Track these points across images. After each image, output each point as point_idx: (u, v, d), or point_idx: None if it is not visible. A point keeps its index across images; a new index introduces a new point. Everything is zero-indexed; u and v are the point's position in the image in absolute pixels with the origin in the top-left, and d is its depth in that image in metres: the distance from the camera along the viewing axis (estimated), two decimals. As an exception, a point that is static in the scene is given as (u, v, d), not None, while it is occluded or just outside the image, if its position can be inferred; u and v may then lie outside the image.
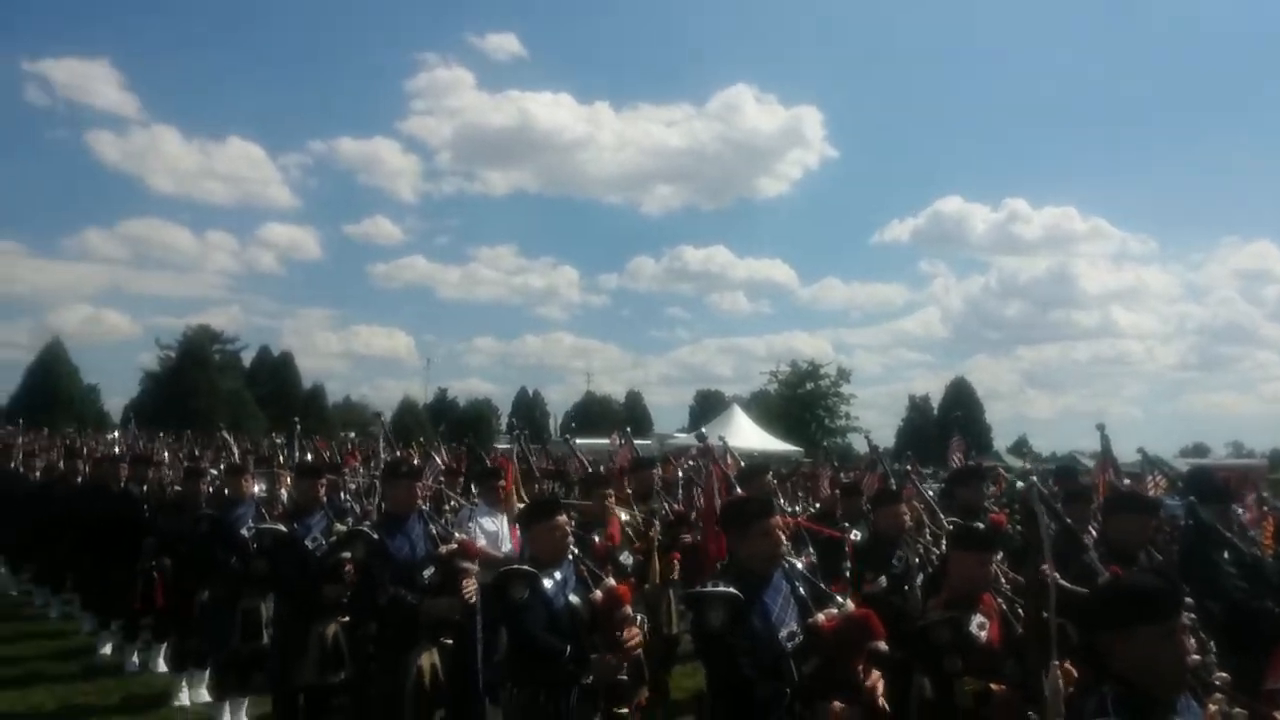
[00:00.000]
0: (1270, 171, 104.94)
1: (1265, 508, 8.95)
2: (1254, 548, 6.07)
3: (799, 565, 4.43)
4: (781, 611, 3.98)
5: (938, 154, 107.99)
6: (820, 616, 4.02)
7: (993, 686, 4.17)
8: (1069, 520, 5.20)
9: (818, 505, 9.98)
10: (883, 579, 6.34)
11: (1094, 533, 6.07)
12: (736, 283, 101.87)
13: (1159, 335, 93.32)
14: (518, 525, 5.94)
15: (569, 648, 4.39)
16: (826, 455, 13.53)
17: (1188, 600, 3.62)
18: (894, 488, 7.91)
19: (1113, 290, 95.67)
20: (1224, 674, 3.41)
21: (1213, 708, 2.98)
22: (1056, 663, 3.40)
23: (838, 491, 8.63)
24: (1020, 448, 45.65)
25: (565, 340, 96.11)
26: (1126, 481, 9.21)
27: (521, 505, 6.20)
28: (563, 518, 4.85)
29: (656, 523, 7.30)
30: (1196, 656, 3.64)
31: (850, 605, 4.17)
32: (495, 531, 7.12)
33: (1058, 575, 3.71)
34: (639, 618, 4.80)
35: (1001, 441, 59.05)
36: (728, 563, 4.22)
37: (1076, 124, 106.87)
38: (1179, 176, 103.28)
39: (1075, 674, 3.63)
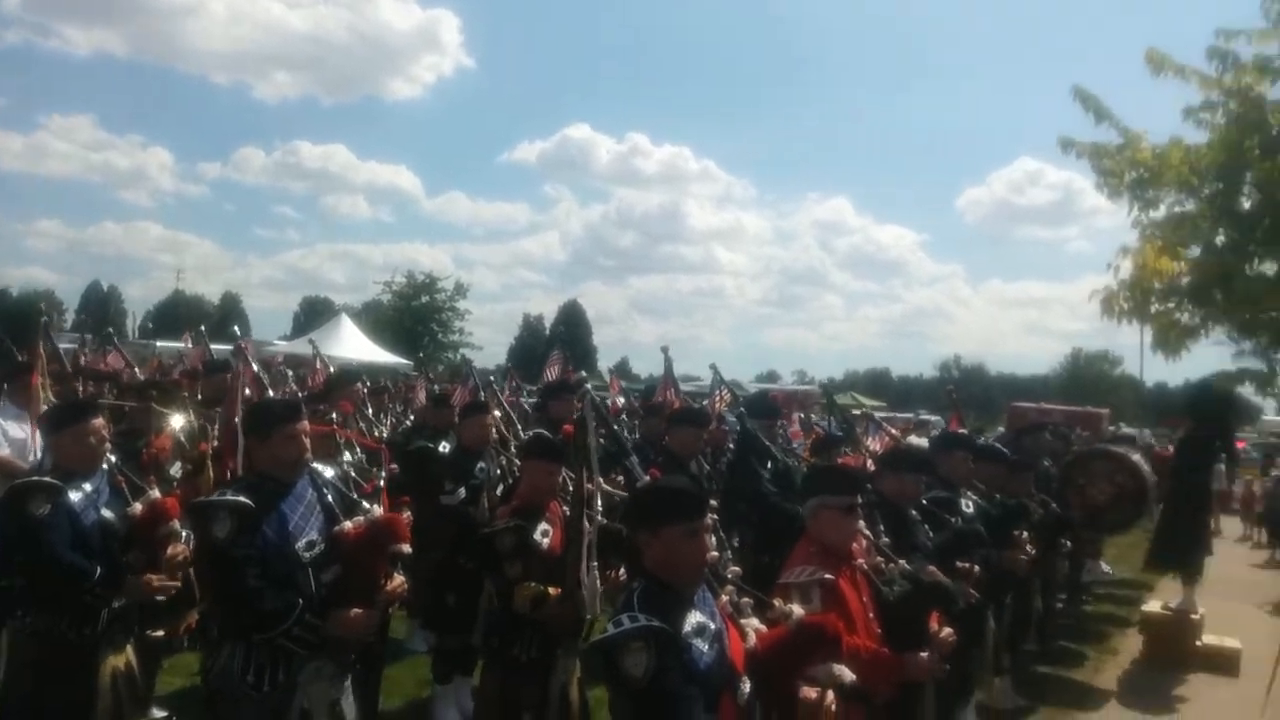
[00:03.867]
0: (851, 136, 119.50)
1: (812, 426, 10.27)
2: (791, 458, 6.86)
3: (329, 473, 4.23)
4: (302, 520, 3.76)
5: (571, 80, 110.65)
6: (347, 524, 3.87)
7: (549, 590, 4.33)
8: (616, 427, 5.51)
9: (412, 417, 9.85)
10: (462, 490, 6.35)
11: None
12: (357, 186, 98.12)
13: (750, 273, 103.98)
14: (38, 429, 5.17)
15: (99, 568, 3.91)
16: (422, 368, 13.38)
17: (712, 502, 4.00)
18: (483, 400, 7.95)
19: (715, 229, 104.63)
20: (737, 568, 3.75)
21: (724, 598, 3.27)
22: (595, 563, 3.58)
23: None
24: (622, 369, 48.59)
25: (152, 231, 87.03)
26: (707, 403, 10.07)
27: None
28: (98, 421, 4.28)
29: (215, 430, 6.72)
30: (715, 553, 4.02)
31: (378, 511, 4.08)
32: (23, 439, 6.19)
33: (601, 479, 3.88)
34: (185, 534, 4.35)
35: (606, 363, 62.63)
36: (247, 469, 3.93)
37: (700, 69, 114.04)
38: (780, 131, 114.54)
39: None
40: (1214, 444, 10.21)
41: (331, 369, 9.48)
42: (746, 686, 3.01)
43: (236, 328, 7.55)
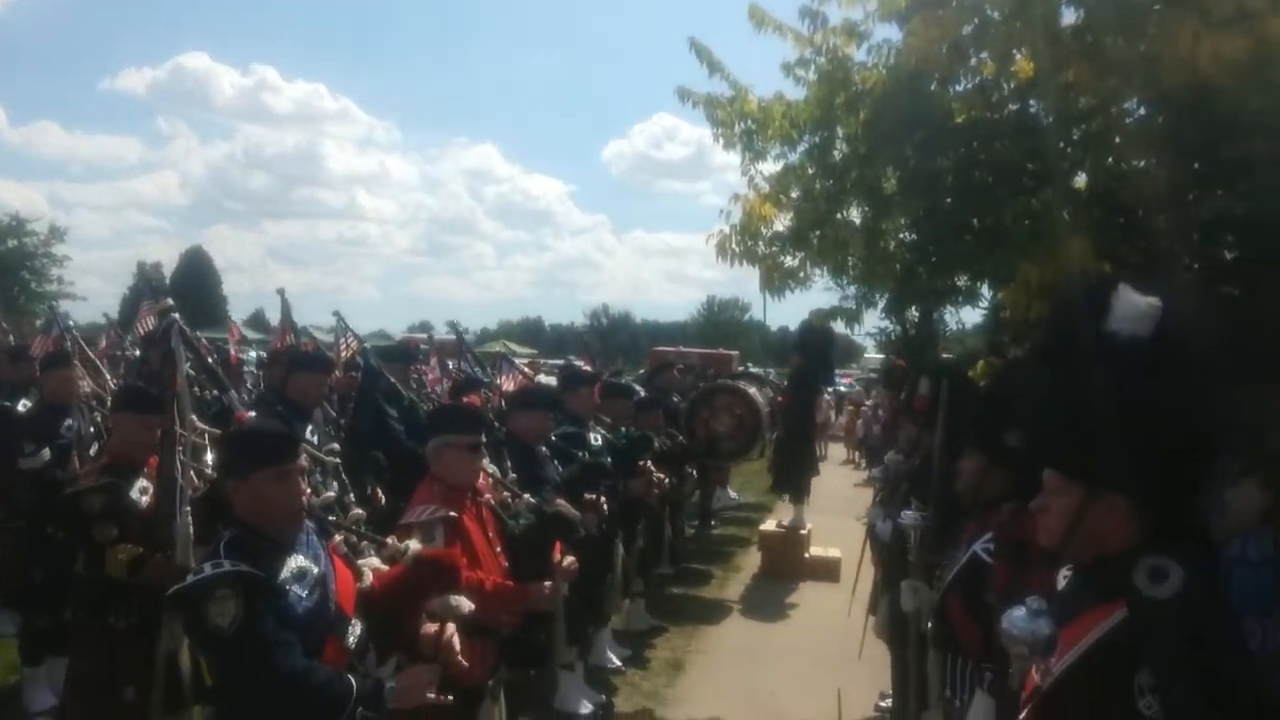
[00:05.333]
0: (496, 83, 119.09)
1: (450, 370, 10.25)
2: (426, 403, 6.76)
3: None
4: None
5: (182, 2, 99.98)
6: None
7: (147, 551, 3.94)
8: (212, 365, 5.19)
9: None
10: (46, 451, 5.63)
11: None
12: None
13: (396, 221, 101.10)
14: None
15: None
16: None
17: (334, 446, 3.85)
18: (69, 350, 7.06)
19: (358, 173, 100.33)
20: (359, 511, 3.62)
21: (338, 538, 3.12)
22: (189, 509, 3.34)
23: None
24: (257, 320, 45.53)
25: None
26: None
27: None
28: None
29: None
30: (331, 494, 3.85)
31: None
32: None
33: (196, 419, 3.60)
34: None
35: (238, 314, 58.29)
36: None
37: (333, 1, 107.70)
38: (423, 73, 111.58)
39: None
40: (816, 376, 11.39)
41: None
42: (358, 629, 2.88)
43: None
